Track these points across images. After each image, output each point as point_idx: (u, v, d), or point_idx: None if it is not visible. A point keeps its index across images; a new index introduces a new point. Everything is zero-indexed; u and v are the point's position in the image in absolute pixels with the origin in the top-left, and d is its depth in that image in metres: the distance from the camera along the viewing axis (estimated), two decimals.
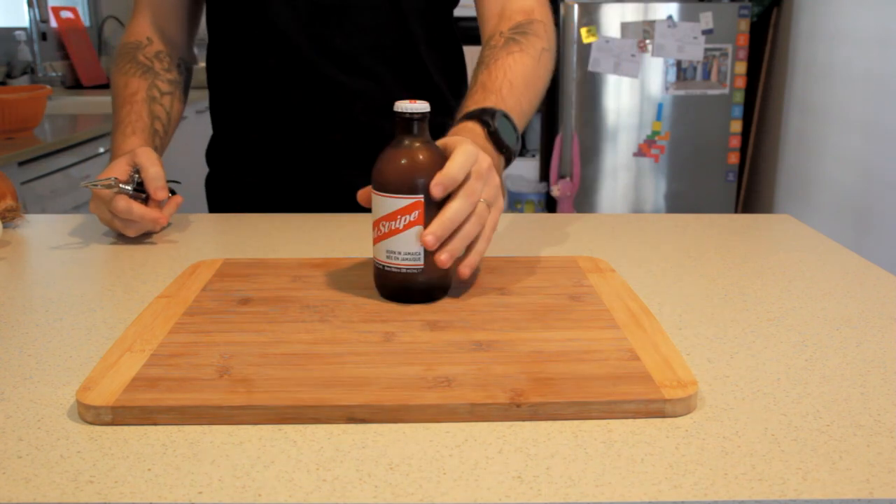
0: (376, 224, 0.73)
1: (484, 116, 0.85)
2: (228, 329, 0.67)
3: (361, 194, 0.76)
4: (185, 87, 1.19)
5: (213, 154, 1.26)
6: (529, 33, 1.00)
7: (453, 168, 0.70)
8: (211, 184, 1.26)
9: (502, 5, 1.04)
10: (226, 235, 1.02)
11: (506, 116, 0.86)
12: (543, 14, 1.05)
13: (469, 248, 0.73)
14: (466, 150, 0.72)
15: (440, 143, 0.75)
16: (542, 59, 1.00)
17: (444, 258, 0.70)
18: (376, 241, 0.73)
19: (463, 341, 0.65)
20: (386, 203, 0.71)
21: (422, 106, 0.71)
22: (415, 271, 0.73)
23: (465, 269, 0.73)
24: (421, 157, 0.71)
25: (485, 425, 0.54)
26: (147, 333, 0.66)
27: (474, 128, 0.85)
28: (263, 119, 1.15)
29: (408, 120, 0.72)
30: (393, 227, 0.71)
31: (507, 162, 0.87)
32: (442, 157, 0.72)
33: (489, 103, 0.88)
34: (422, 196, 0.70)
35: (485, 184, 0.73)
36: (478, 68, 0.97)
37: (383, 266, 0.73)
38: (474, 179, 0.72)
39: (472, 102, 0.89)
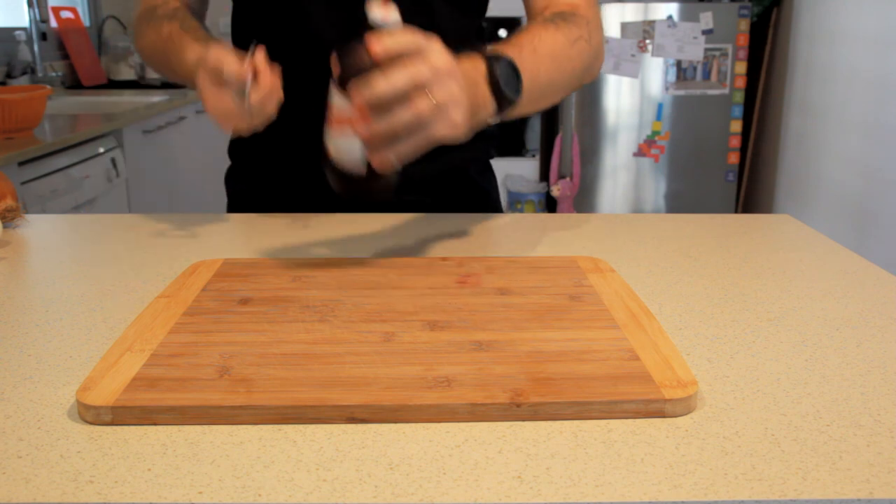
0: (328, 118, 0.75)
1: (490, 55, 0.81)
2: (228, 329, 0.67)
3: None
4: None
5: (235, 149, 1.24)
6: (570, 21, 0.98)
7: (381, 76, 0.66)
8: (231, 177, 1.25)
9: (548, 0, 1.03)
10: (226, 235, 1.02)
11: (512, 65, 0.82)
12: (589, 11, 1.02)
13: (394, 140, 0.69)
14: (404, 35, 0.68)
15: None
16: (577, 45, 0.97)
17: (375, 161, 0.69)
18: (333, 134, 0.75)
19: (463, 341, 0.65)
20: (334, 96, 0.74)
21: (392, 15, 0.72)
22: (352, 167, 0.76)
23: (375, 158, 0.69)
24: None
25: (485, 425, 0.54)
26: (147, 333, 0.66)
27: (476, 60, 0.81)
28: (290, 120, 1.14)
29: (373, 28, 0.71)
30: (329, 119, 0.75)
31: (500, 110, 0.81)
32: None
33: (502, 53, 0.84)
34: None
35: (435, 76, 0.68)
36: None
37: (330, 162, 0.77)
38: (415, 59, 0.67)
39: (487, 51, 0.85)
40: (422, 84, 0.68)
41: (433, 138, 0.70)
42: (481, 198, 1.23)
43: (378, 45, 0.66)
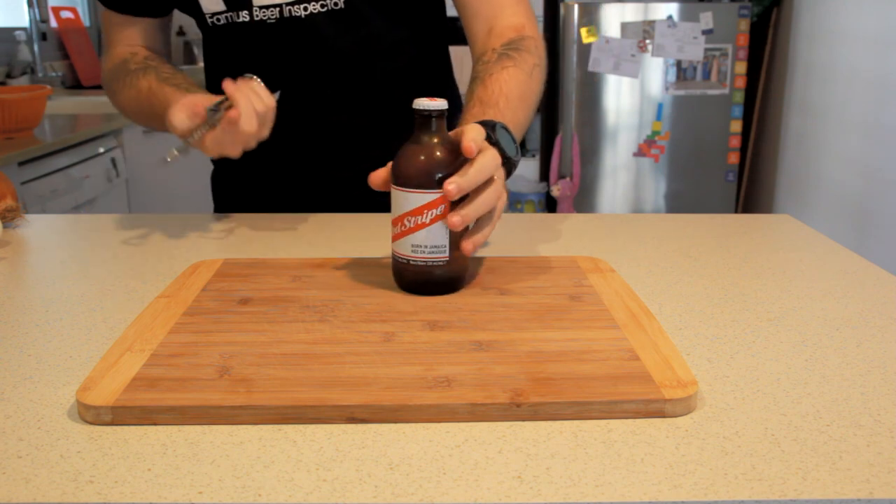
0: (399, 220, 0.74)
1: (485, 129, 0.85)
2: (228, 329, 0.67)
3: (375, 178, 0.76)
4: None
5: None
6: (522, 49, 1.00)
7: (472, 171, 0.72)
8: (216, 180, 1.27)
9: (491, 23, 1.04)
10: (226, 235, 1.02)
11: (505, 128, 0.86)
12: (533, 30, 1.04)
13: (477, 227, 0.75)
14: (491, 153, 0.74)
15: (454, 133, 0.76)
16: (534, 75, 1.00)
17: (468, 247, 0.74)
18: (400, 236, 0.74)
19: (463, 341, 0.65)
20: (411, 198, 0.72)
21: (440, 103, 0.73)
22: (440, 263, 0.74)
23: (468, 245, 0.74)
24: (444, 152, 0.73)
25: (485, 425, 0.55)
26: (147, 333, 0.66)
27: None
28: (282, 132, 1.15)
29: (427, 117, 0.73)
30: (419, 222, 0.73)
31: (509, 173, 0.88)
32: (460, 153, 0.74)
33: (488, 117, 0.88)
34: None
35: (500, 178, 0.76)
36: (473, 83, 0.97)
37: (407, 260, 0.75)
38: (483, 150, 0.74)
39: (471, 117, 0.89)
40: (496, 168, 0.75)
41: (500, 213, 0.77)
42: None
43: (472, 143, 0.72)
